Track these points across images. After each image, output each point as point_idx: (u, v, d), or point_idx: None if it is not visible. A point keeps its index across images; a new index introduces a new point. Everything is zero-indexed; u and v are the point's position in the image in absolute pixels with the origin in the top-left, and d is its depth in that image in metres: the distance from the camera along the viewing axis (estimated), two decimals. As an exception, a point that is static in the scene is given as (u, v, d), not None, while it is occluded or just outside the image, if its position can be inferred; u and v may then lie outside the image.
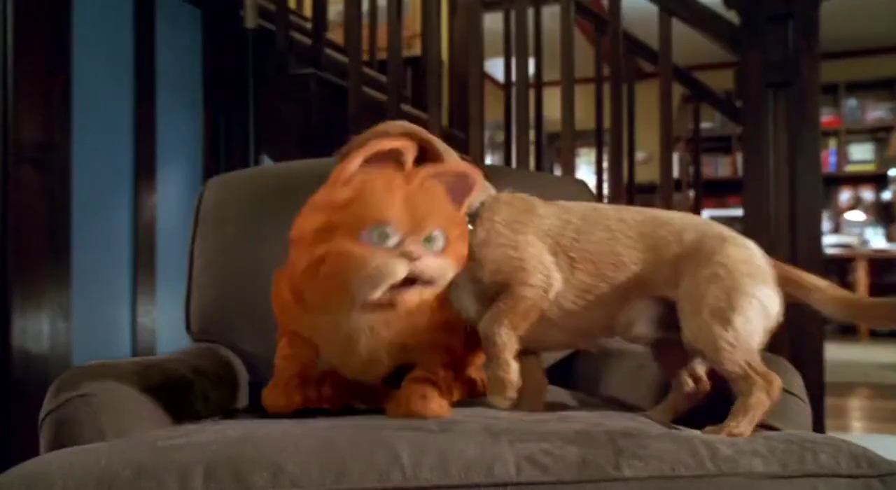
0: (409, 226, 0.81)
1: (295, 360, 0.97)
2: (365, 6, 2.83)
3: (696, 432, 0.78)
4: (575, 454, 0.72)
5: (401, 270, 0.79)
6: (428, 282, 0.82)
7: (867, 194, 6.58)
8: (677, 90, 3.71)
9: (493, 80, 5.72)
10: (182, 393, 1.00)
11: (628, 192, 2.95)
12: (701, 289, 0.86)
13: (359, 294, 0.80)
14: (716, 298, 0.85)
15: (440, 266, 0.83)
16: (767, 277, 0.88)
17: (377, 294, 0.80)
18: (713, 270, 0.86)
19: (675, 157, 5.16)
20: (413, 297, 0.81)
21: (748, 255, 0.89)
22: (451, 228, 0.86)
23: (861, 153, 6.55)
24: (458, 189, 0.90)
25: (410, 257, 0.80)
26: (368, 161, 0.86)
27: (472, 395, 1.02)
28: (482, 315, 0.91)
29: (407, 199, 0.83)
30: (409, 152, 0.89)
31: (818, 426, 1.64)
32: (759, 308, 0.86)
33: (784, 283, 0.90)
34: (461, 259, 0.87)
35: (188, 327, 1.35)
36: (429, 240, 0.83)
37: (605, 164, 2.71)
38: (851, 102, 6.51)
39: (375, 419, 0.85)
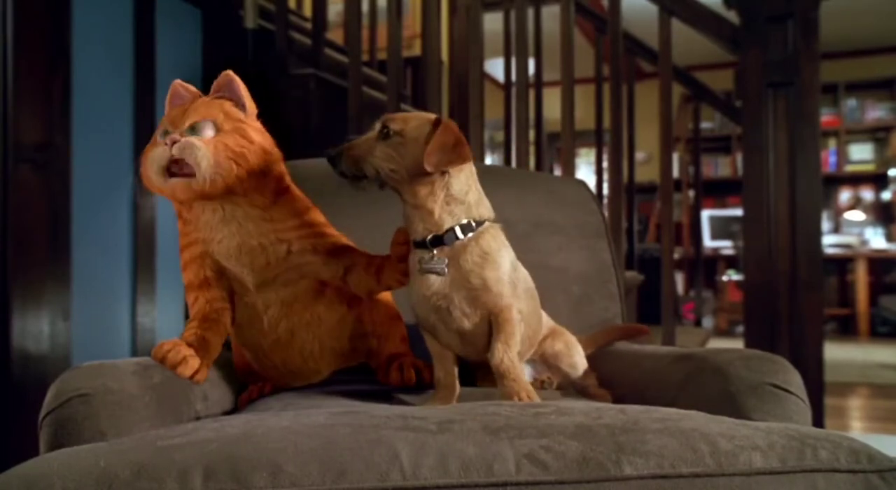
0: (178, 122, 1.02)
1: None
2: (365, 6, 2.83)
3: (696, 426, 0.77)
4: (575, 450, 0.72)
5: (162, 153, 0.99)
6: (189, 173, 0.99)
7: (867, 194, 6.58)
8: (677, 90, 3.72)
9: (493, 80, 5.72)
10: (182, 393, 1.01)
11: (628, 191, 2.96)
12: None
13: (152, 180, 1.01)
14: None
15: (194, 147, 0.98)
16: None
17: (158, 178, 1.00)
18: None
19: (675, 157, 5.17)
20: (179, 184, 1.00)
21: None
22: (224, 122, 1.03)
23: (861, 153, 6.55)
24: (235, 97, 1.08)
25: (171, 142, 0.99)
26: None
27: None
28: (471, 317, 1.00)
29: (189, 107, 1.03)
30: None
31: (817, 425, 1.63)
32: None
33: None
34: (230, 148, 1.01)
35: (188, 327, 1.34)
36: (194, 129, 1.01)
37: (605, 164, 2.71)
38: (851, 102, 6.51)
39: (374, 418, 0.85)
